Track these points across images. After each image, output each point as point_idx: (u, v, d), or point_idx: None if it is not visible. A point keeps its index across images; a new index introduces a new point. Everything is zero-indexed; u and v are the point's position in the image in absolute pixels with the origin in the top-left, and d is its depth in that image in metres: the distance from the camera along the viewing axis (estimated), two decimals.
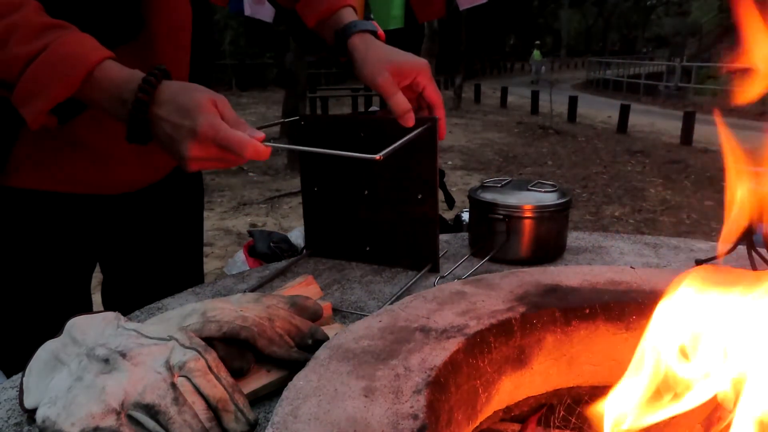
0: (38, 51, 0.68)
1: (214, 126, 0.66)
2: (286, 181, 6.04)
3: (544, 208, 1.02)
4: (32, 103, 0.69)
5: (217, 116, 0.67)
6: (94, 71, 0.69)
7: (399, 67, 0.86)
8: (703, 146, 8.46)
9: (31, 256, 0.94)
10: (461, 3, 3.01)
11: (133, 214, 1.05)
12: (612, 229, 4.58)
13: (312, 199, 1.07)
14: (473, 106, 14.53)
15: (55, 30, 0.70)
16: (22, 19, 0.69)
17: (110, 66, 0.71)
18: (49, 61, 0.68)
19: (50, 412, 0.55)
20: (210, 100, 0.68)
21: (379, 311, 0.67)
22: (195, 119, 0.67)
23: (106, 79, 0.70)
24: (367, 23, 0.90)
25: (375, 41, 0.89)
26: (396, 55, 0.87)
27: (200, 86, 0.72)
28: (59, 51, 0.68)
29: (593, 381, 0.70)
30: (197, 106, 0.67)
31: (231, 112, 0.70)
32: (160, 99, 0.69)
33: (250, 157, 0.67)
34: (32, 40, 0.68)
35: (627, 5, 43.24)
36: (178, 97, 0.68)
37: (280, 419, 0.48)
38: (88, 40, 0.72)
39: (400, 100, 0.84)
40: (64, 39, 0.69)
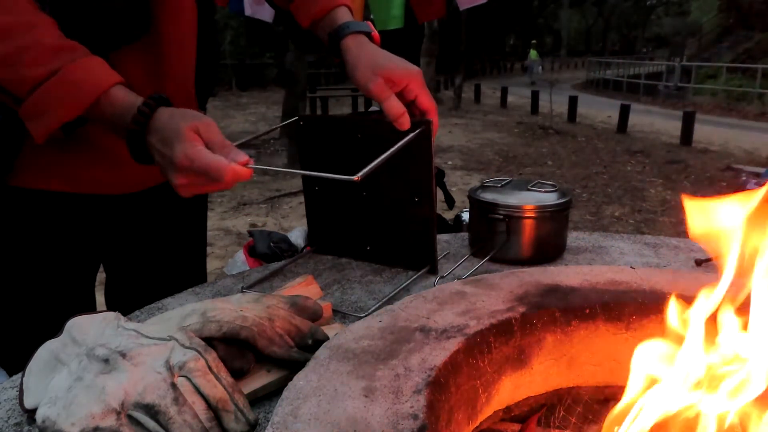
0: (49, 74, 0.70)
1: (189, 156, 0.68)
2: (286, 181, 6.03)
3: (544, 208, 1.02)
4: (39, 121, 0.72)
5: (194, 145, 0.68)
6: (100, 98, 0.72)
7: (390, 74, 0.85)
8: (703, 146, 8.47)
9: (36, 256, 0.94)
10: (461, 3, 3.01)
11: (138, 214, 1.05)
12: (612, 229, 4.58)
13: (314, 198, 1.08)
14: (473, 106, 14.54)
15: (66, 53, 0.72)
16: (34, 41, 0.71)
17: (116, 92, 0.73)
18: (60, 84, 0.70)
19: (50, 412, 0.55)
20: (191, 128, 0.69)
21: (379, 311, 0.67)
22: (173, 150, 0.68)
23: (111, 105, 0.72)
24: (361, 24, 0.90)
25: (368, 44, 0.89)
26: (388, 60, 0.86)
27: (190, 112, 0.72)
28: (70, 76, 0.71)
29: (593, 381, 0.70)
30: (176, 137, 0.69)
31: (216, 136, 0.71)
32: (152, 127, 0.71)
33: (229, 180, 0.68)
34: (44, 62, 0.70)
35: (627, 5, 43.24)
36: (164, 126, 0.70)
37: (280, 419, 0.48)
38: (98, 66, 0.74)
39: (394, 104, 0.84)
40: (75, 64, 0.71)
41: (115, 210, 1.01)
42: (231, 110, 12.82)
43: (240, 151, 0.70)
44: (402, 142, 0.83)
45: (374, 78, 0.85)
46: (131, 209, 1.03)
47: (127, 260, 1.10)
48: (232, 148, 0.70)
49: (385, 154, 0.77)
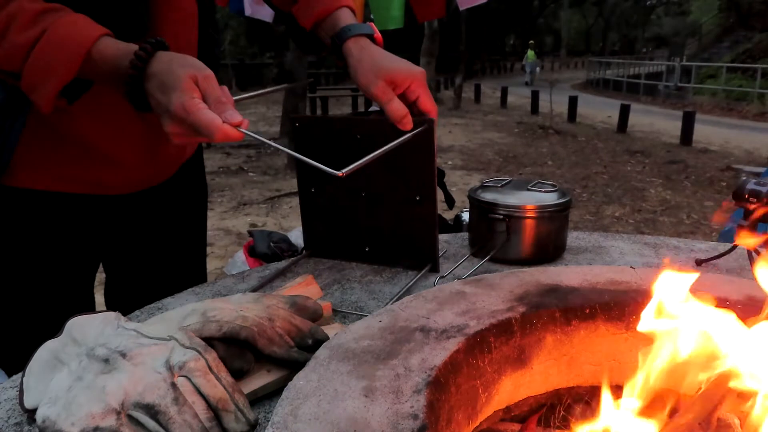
0: (36, 38, 0.70)
1: (185, 107, 0.67)
2: (286, 181, 6.04)
3: (544, 208, 1.02)
4: (40, 90, 0.72)
5: (192, 95, 0.67)
6: (91, 51, 0.71)
7: (393, 76, 0.85)
8: (703, 146, 8.47)
9: (35, 255, 0.94)
10: (461, 3, 3.01)
11: (138, 214, 1.05)
12: (612, 229, 4.58)
13: (309, 200, 1.07)
14: (473, 106, 14.53)
15: (49, 14, 0.72)
16: (17, 8, 0.71)
17: (106, 43, 0.72)
18: (48, 46, 0.70)
19: (50, 412, 0.55)
20: (190, 77, 0.68)
21: (379, 311, 0.67)
22: (170, 98, 0.67)
23: (103, 56, 0.72)
24: (364, 26, 0.89)
25: (370, 46, 0.88)
26: (390, 62, 0.86)
27: (190, 59, 0.71)
28: (55, 35, 0.70)
29: (593, 381, 0.70)
30: (174, 85, 0.68)
31: (214, 89, 0.69)
32: (149, 72, 0.70)
33: (219, 140, 0.67)
34: (29, 27, 0.70)
35: (627, 5, 43.23)
36: (163, 72, 0.69)
37: (280, 419, 0.48)
38: (80, 20, 0.73)
39: (396, 106, 0.84)
40: (59, 22, 0.71)
41: (114, 210, 1.01)
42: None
43: (235, 112, 0.69)
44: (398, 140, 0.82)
45: (376, 81, 0.84)
46: (130, 209, 1.03)
47: (126, 260, 1.10)
48: (227, 105, 0.69)
49: (376, 152, 0.76)
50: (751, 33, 19.63)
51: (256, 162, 7.15)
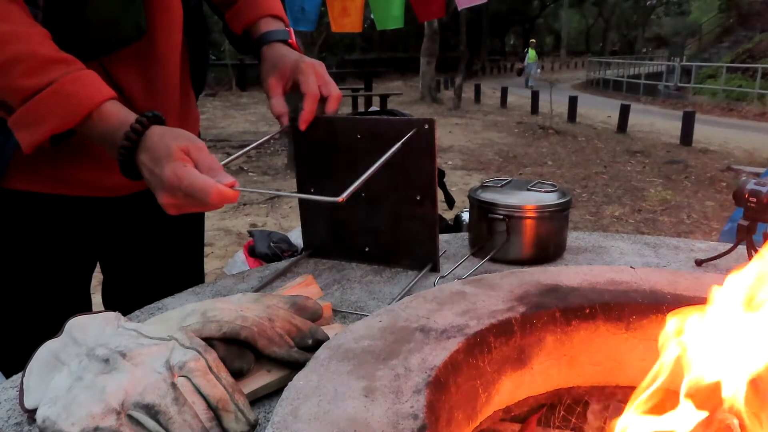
0: (43, 86, 0.71)
1: (178, 175, 0.68)
2: (286, 181, 6.04)
3: (544, 208, 1.02)
4: (29, 131, 0.72)
5: (183, 165, 0.69)
6: (93, 112, 0.73)
7: (281, 71, 0.93)
8: (703, 146, 8.47)
9: (32, 257, 0.94)
10: (460, 2, 3.01)
11: (135, 215, 1.05)
12: (612, 229, 4.58)
13: (308, 201, 1.07)
14: (473, 106, 14.53)
15: (61, 65, 0.72)
16: (29, 51, 0.71)
17: (109, 108, 0.74)
18: (53, 96, 0.71)
19: (50, 412, 0.55)
20: (181, 148, 0.70)
21: (379, 311, 0.67)
22: (163, 168, 0.69)
23: (102, 120, 0.73)
24: (279, 33, 0.98)
25: (279, 49, 0.96)
26: (282, 61, 0.94)
27: (183, 132, 0.73)
28: (64, 88, 0.71)
29: (593, 381, 0.70)
30: (166, 155, 0.69)
31: (206, 158, 0.71)
32: (144, 146, 0.72)
33: (215, 203, 0.68)
34: (38, 74, 0.71)
35: (627, 5, 43.23)
36: (155, 145, 0.71)
37: (280, 419, 0.48)
38: (92, 80, 0.74)
39: (275, 102, 0.93)
40: (71, 77, 0.72)
41: (111, 211, 1.01)
42: (231, 110, 12.82)
43: (227, 174, 0.70)
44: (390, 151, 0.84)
45: (268, 78, 0.94)
46: (127, 210, 1.03)
47: (124, 261, 1.10)
48: (220, 171, 0.71)
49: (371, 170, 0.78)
50: (751, 33, 19.64)
51: (256, 162, 7.15)
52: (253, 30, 0.99)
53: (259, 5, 1.00)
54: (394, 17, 3.54)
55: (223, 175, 0.70)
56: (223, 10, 1.04)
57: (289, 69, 0.93)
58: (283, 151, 7.50)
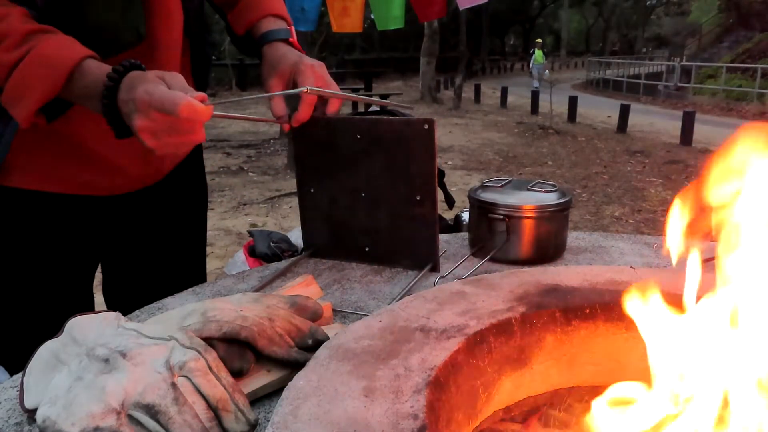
0: (21, 57, 0.71)
1: (148, 91, 0.68)
2: (286, 181, 6.03)
3: (544, 208, 1.02)
4: (20, 105, 0.73)
5: (155, 83, 0.68)
6: (74, 71, 0.73)
7: (280, 72, 0.93)
8: (702, 146, 8.46)
9: (34, 256, 0.94)
10: (461, 2, 3.01)
11: (136, 213, 1.05)
12: (612, 229, 4.58)
13: (308, 200, 1.07)
14: (473, 106, 14.53)
15: (37, 35, 0.73)
16: (6, 28, 0.72)
17: (89, 65, 0.74)
18: (31, 64, 0.71)
19: (50, 412, 0.55)
20: (156, 74, 0.70)
21: (379, 311, 0.67)
22: (136, 90, 0.69)
23: (85, 77, 0.73)
24: (280, 32, 0.98)
25: (281, 48, 0.96)
26: (282, 61, 0.94)
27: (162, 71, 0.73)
28: (40, 55, 0.72)
29: (593, 381, 0.70)
30: (141, 80, 0.69)
31: (180, 82, 0.71)
32: (123, 86, 0.71)
33: (185, 114, 0.67)
34: (16, 47, 0.72)
35: (627, 5, 43.23)
36: (133, 79, 0.71)
37: (280, 419, 0.48)
38: (67, 42, 0.75)
39: (275, 104, 0.92)
40: (45, 43, 0.72)
41: (111, 209, 1.01)
42: (231, 110, 12.80)
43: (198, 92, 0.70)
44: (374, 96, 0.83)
45: (269, 78, 0.94)
46: (127, 209, 1.03)
47: (126, 260, 1.10)
48: (191, 90, 0.70)
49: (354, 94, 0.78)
50: (751, 33, 19.64)
51: (256, 162, 7.15)
52: (254, 30, 0.99)
53: (261, 5, 1.00)
54: (394, 17, 3.55)
55: (195, 92, 0.70)
56: (225, 12, 1.04)
57: (288, 69, 0.93)
58: (283, 151, 7.50)
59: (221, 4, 1.05)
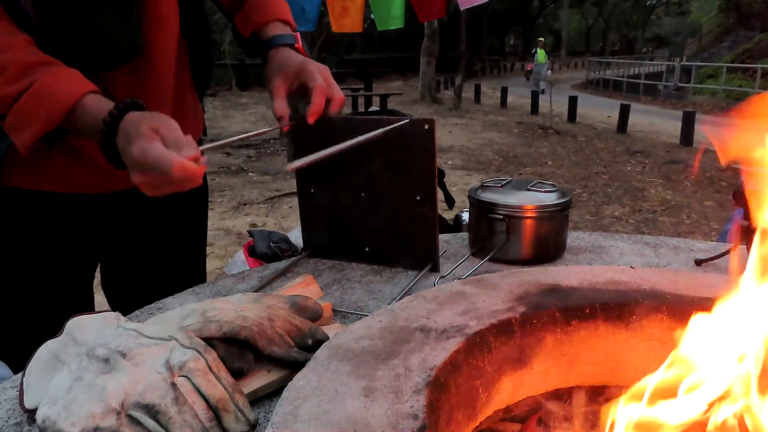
0: (24, 89, 0.73)
1: (143, 150, 0.69)
2: (286, 181, 6.03)
3: (544, 208, 1.02)
4: (19, 135, 0.75)
5: (150, 141, 0.70)
6: (75, 106, 0.74)
7: (285, 73, 0.94)
8: (703, 146, 8.46)
9: (33, 254, 0.95)
10: (462, 3, 3.01)
11: (136, 212, 1.05)
12: (612, 229, 4.58)
13: (308, 200, 1.07)
14: (473, 106, 14.52)
15: (40, 68, 0.75)
16: (8, 60, 0.74)
17: (90, 100, 0.75)
18: (34, 97, 0.73)
19: (50, 412, 0.55)
20: (150, 127, 0.71)
21: (379, 311, 0.67)
22: (132, 146, 0.70)
23: (84, 113, 0.75)
24: (286, 37, 0.99)
25: (286, 52, 0.97)
26: (288, 63, 0.95)
27: (156, 114, 0.74)
28: (41, 89, 0.74)
29: (593, 381, 0.70)
30: (136, 134, 0.71)
31: (174, 134, 0.72)
32: (120, 130, 0.73)
33: (178, 174, 0.68)
34: (19, 79, 0.73)
35: (627, 5, 43.21)
36: (128, 127, 0.72)
37: (280, 419, 0.48)
38: (71, 76, 0.76)
39: (277, 104, 0.93)
40: (48, 77, 0.74)
41: (111, 207, 1.01)
42: (231, 110, 12.81)
43: (191, 149, 0.71)
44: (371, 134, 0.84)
45: (272, 80, 0.94)
46: (128, 207, 1.03)
47: (125, 259, 1.10)
48: (186, 146, 0.71)
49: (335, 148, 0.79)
50: (751, 33, 19.64)
51: (256, 162, 7.15)
52: (260, 33, 1.01)
53: (267, 10, 1.01)
54: (394, 17, 3.55)
55: (188, 149, 0.70)
56: (232, 14, 1.05)
57: (293, 71, 0.94)
58: (283, 151, 7.50)
59: (228, 6, 1.06)
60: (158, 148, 0.69)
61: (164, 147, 0.70)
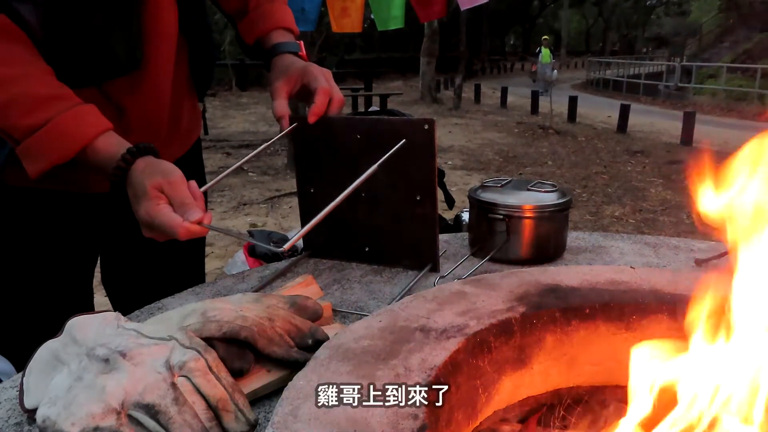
0: (39, 125, 0.75)
1: (150, 214, 0.72)
2: (286, 181, 6.03)
3: (544, 208, 1.02)
4: (32, 162, 0.77)
5: (156, 204, 0.72)
6: (86, 147, 0.77)
7: (288, 76, 0.96)
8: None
9: (32, 252, 0.95)
10: (462, 3, 3.01)
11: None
12: (612, 229, 4.58)
13: (308, 201, 1.07)
14: (473, 106, 14.51)
15: (57, 102, 0.76)
16: (26, 91, 0.75)
17: (101, 143, 0.77)
18: (48, 135, 0.75)
19: (50, 412, 0.55)
20: (154, 185, 0.73)
21: (379, 311, 0.67)
22: (139, 206, 0.73)
23: (96, 154, 0.77)
24: (290, 45, 1.01)
25: (288, 59, 0.99)
26: (291, 67, 0.97)
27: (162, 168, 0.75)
28: (58, 127, 0.75)
29: (593, 381, 0.70)
30: (142, 194, 0.73)
31: (179, 194, 0.73)
32: (128, 182, 0.76)
33: (184, 237, 0.71)
34: (34, 113, 0.75)
35: (627, 5, 43.20)
36: (134, 182, 0.75)
37: (280, 419, 0.48)
38: (85, 115, 0.78)
39: (278, 104, 0.94)
40: (64, 116, 0.76)
41: (111, 206, 1.01)
42: (231, 110, 12.81)
43: (196, 211, 0.72)
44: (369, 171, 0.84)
45: (275, 82, 0.96)
46: (127, 206, 1.03)
47: (125, 258, 1.10)
48: (191, 207, 0.73)
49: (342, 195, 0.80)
50: (751, 33, 19.63)
51: (256, 162, 7.15)
52: (264, 41, 1.02)
53: (271, 18, 1.02)
54: (394, 17, 3.55)
55: (192, 212, 0.72)
56: (236, 21, 1.06)
57: (296, 73, 0.96)
58: (283, 151, 7.50)
59: (232, 13, 1.06)
60: (164, 214, 0.71)
61: (170, 210, 0.72)
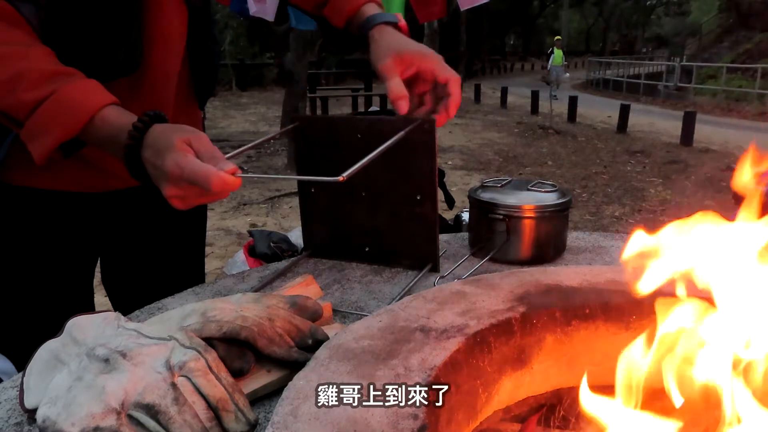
0: (45, 97, 0.72)
1: (180, 164, 0.68)
2: (286, 181, 6.03)
3: (544, 208, 1.02)
4: (37, 143, 0.74)
5: (185, 155, 0.69)
6: (95, 117, 0.73)
7: (401, 55, 0.86)
8: (703, 146, 8.46)
9: (32, 252, 0.95)
10: (462, 3, 3.01)
11: (135, 210, 1.05)
12: (612, 229, 4.58)
13: (309, 200, 1.07)
14: (473, 106, 14.51)
15: (61, 77, 0.74)
16: (30, 67, 0.73)
17: (110, 112, 0.74)
18: (55, 105, 0.72)
19: (50, 412, 0.55)
20: (182, 139, 0.70)
21: (379, 311, 0.67)
22: (165, 159, 0.69)
23: (106, 124, 0.74)
24: (387, 15, 0.93)
25: (389, 32, 0.91)
26: (403, 44, 0.88)
27: (184, 126, 0.73)
28: (64, 97, 0.73)
29: (593, 381, 0.70)
30: (168, 147, 0.69)
31: (207, 147, 0.71)
32: (146, 143, 0.72)
33: (217, 189, 0.67)
34: (40, 86, 0.73)
35: (627, 5, 43.21)
36: (158, 140, 0.71)
37: (280, 419, 0.48)
38: (92, 87, 0.76)
39: (395, 84, 0.85)
40: (70, 86, 0.73)
41: (111, 206, 1.01)
42: (231, 110, 12.81)
43: (228, 162, 0.70)
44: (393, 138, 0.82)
45: (384, 59, 0.86)
46: (127, 205, 1.03)
47: (125, 258, 1.10)
48: (222, 159, 0.70)
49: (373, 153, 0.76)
50: (751, 33, 19.63)
51: (256, 162, 7.15)
52: (356, 18, 0.95)
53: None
54: None
55: (225, 163, 0.69)
56: (318, 12, 1.02)
57: (410, 55, 0.87)
58: (283, 151, 7.49)
59: (312, 9, 1.03)
60: (195, 163, 0.68)
61: (200, 161, 0.69)
